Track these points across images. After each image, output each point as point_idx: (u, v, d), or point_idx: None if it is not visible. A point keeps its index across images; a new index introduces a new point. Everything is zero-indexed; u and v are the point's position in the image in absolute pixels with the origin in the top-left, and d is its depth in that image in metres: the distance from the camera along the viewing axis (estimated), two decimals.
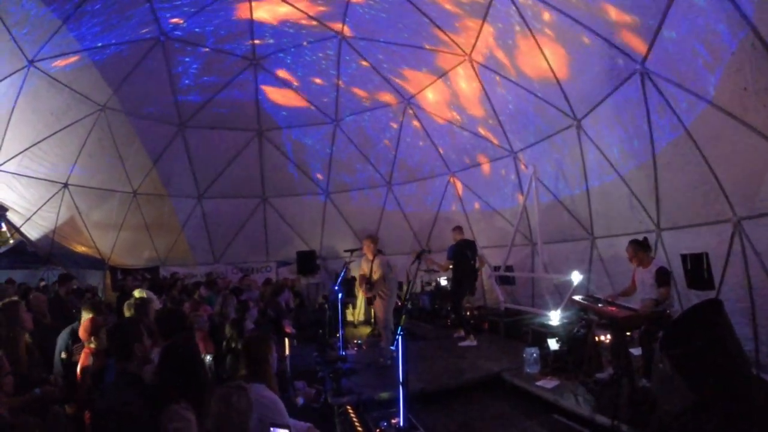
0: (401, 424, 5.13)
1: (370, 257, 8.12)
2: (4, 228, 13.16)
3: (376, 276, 7.95)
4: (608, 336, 6.50)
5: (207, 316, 6.79)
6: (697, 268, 6.92)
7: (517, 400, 6.26)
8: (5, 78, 9.88)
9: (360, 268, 8.62)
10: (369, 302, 8.80)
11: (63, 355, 4.94)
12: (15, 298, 5.85)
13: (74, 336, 4.92)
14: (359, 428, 5.27)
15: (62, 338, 5.05)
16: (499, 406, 6.19)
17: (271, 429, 2.16)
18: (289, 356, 7.02)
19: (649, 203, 7.79)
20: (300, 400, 4.94)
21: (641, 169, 7.74)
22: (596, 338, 6.54)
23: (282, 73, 12.45)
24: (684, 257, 7.13)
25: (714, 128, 6.17)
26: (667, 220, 7.61)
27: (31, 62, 9.89)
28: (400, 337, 5.18)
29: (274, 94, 13.05)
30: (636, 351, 6.05)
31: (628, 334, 6.04)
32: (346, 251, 8.42)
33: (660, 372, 5.83)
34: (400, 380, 5.19)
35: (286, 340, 7.27)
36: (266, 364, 3.68)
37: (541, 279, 10.63)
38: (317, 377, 6.98)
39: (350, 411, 5.82)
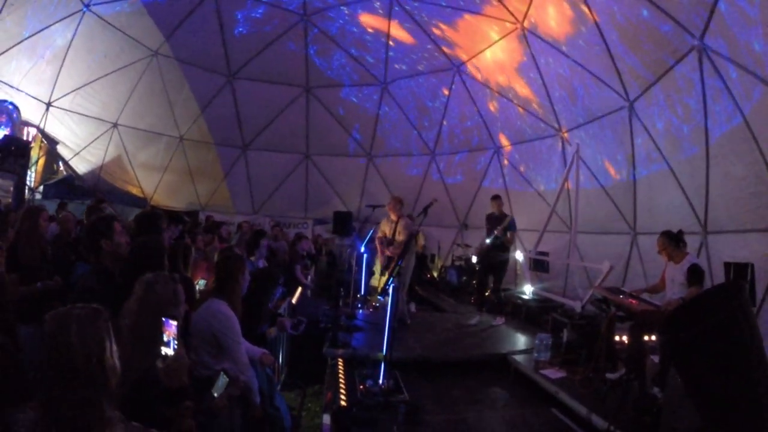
0: (381, 382, 5.10)
1: (394, 218, 7.93)
2: (62, 167, 13.74)
3: (400, 237, 7.80)
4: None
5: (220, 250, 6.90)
6: (739, 279, 6.29)
7: (518, 387, 5.97)
8: (62, 19, 10.26)
9: (380, 229, 8.42)
10: (386, 266, 8.61)
11: None
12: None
13: None
14: (341, 380, 5.24)
15: None
16: (496, 389, 5.95)
17: (163, 320, 2.08)
18: (291, 302, 6.95)
19: (698, 201, 7.30)
20: (273, 332, 4.87)
21: (692, 161, 7.29)
22: (615, 336, 6.15)
23: (332, 30, 12.24)
24: (727, 266, 6.59)
25: None
26: (714, 223, 7.12)
27: (87, 6, 10.24)
28: (390, 288, 5.18)
29: (324, 51, 12.86)
30: (656, 358, 5.65)
31: (647, 338, 5.66)
32: (368, 206, 8.23)
33: (676, 386, 5.48)
34: (386, 335, 5.17)
35: (299, 288, 7.27)
36: (234, 283, 3.63)
37: (576, 271, 10.23)
38: (319, 327, 6.97)
39: (340, 363, 5.79)
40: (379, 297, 5.63)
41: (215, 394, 2.43)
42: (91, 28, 10.86)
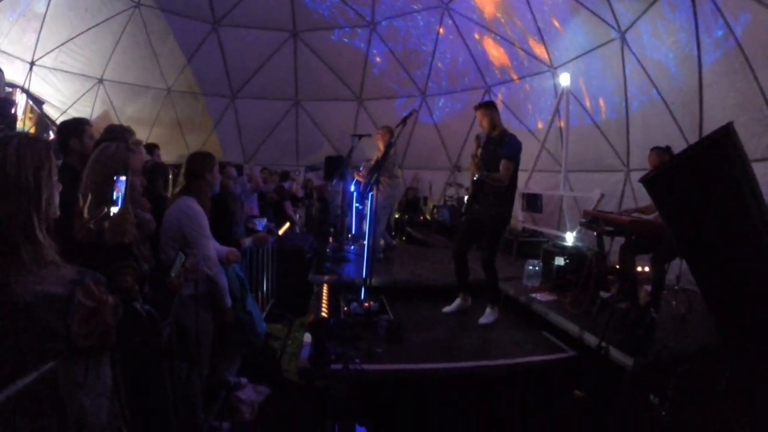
0: (363, 298, 5.20)
1: (381, 148, 7.82)
2: (52, 134, 13.59)
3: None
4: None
5: None
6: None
7: (509, 312, 5.92)
8: None
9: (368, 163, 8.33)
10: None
11: None
12: None
13: None
14: (324, 303, 5.29)
15: None
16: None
17: (114, 178, 2.07)
18: (275, 230, 6.94)
19: (691, 134, 7.13)
20: (247, 241, 4.82)
21: (685, 91, 7.16)
22: (606, 261, 6.04)
23: None
24: None
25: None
26: None
27: None
28: (371, 195, 5.25)
29: None
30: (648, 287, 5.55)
31: (641, 269, 5.59)
32: (353, 135, 8.04)
33: (671, 309, 5.46)
34: (366, 253, 5.24)
35: (288, 223, 7.25)
36: (202, 181, 3.62)
37: (568, 209, 10.14)
38: (305, 258, 6.98)
39: (325, 288, 5.85)
40: (357, 205, 5.62)
41: (172, 275, 2.42)
42: None
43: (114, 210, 2.04)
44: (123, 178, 2.08)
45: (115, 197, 2.06)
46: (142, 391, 2.31)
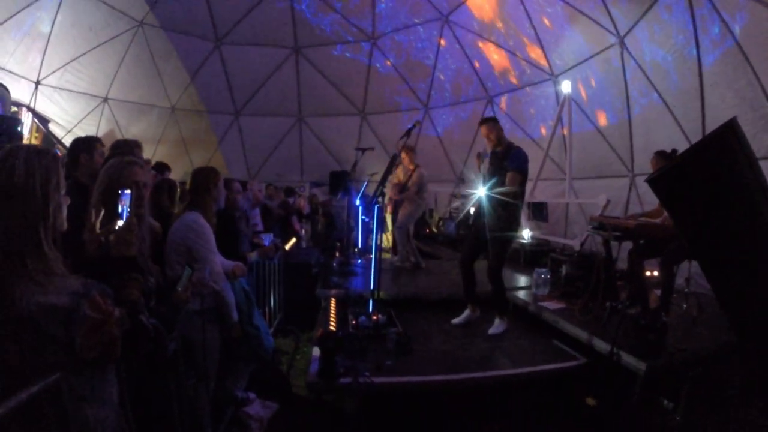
0: (371, 311, 5.16)
1: (411, 167, 7.84)
2: (59, 153, 13.63)
3: (411, 185, 7.74)
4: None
5: None
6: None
7: (518, 321, 5.89)
8: None
9: (395, 176, 8.31)
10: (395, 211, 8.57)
11: None
12: None
13: None
14: (332, 318, 5.27)
15: None
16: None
17: (120, 192, 2.09)
18: (279, 244, 6.96)
19: (694, 136, 7.05)
20: (253, 255, 4.79)
21: (686, 93, 7.14)
22: (614, 266, 6.01)
23: None
24: None
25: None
26: None
27: None
28: (376, 207, 5.28)
29: (311, 6, 12.63)
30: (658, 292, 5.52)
31: (650, 274, 5.57)
32: (357, 149, 8.02)
33: (682, 313, 5.42)
34: (373, 265, 5.23)
35: (294, 239, 7.25)
36: (207, 195, 3.64)
37: (574, 218, 10.12)
38: (311, 273, 6.97)
39: (333, 303, 5.84)
40: (363, 218, 5.65)
41: (179, 289, 2.42)
42: (75, 2, 10.71)
43: (119, 223, 2.05)
44: (128, 191, 2.09)
45: (120, 210, 2.07)
46: (148, 405, 2.30)
